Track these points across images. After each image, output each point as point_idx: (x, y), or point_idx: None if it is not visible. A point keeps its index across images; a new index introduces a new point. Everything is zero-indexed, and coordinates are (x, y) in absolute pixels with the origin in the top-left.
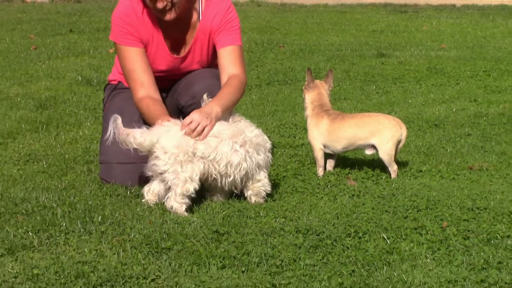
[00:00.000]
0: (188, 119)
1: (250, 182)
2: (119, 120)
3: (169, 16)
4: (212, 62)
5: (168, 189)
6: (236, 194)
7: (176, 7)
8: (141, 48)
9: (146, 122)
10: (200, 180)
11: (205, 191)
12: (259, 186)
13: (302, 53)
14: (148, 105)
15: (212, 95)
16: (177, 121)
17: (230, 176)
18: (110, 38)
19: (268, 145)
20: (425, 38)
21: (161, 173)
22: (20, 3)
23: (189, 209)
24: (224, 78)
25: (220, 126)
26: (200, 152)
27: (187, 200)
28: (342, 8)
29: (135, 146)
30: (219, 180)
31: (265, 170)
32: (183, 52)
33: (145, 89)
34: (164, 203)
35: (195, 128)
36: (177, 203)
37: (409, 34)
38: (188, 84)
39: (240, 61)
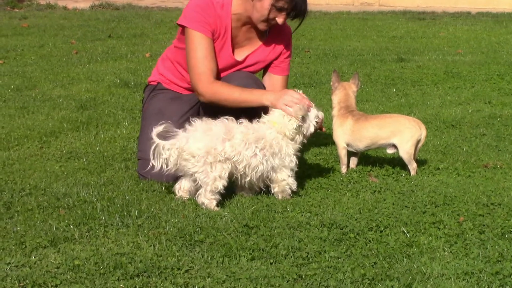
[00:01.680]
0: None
1: (273, 182)
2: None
3: (267, 28)
4: (255, 73)
5: (197, 185)
6: (264, 190)
7: None
8: (211, 38)
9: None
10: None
11: (235, 186)
12: (284, 185)
13: (327, 58)
14: (225, 84)
15: None
16: (206, 120)
17: (247, 176)
18: (182, 23)
19: (287, 149)
20: (442, 43)
21: (191, 174)
22: (62, 10)
23: (220, 204)
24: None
25: (246, 129)
26: (227, 154)
27: (217, 196)
28: (364, 16)
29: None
30: (239, 179)
31: (287, 170)
32: (241, 57)
33: (215, 75)
34: (195, 198)
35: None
36: (208, 200)
37: (427, 40)
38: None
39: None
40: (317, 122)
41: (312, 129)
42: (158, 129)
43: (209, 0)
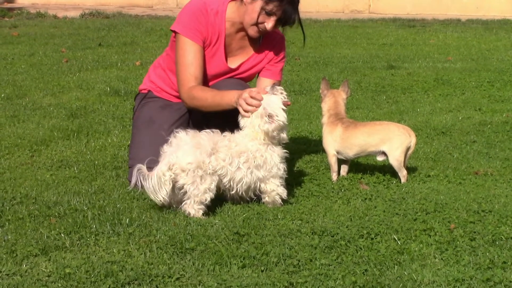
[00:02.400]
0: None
1: (263, 192)
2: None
3: (258, 34)
4: (249, 80)
5: (183, 194)
6: (255, 198)
7: None
8: (201, 46)
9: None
10: None
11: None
12: (274, 195)
13: (317, 65)
14: (203, 89)
15: None
16: (191, 132)
17: (233, 189)
18: (175, 29)
19: (272, 159)
20: (432, 51)
21: (181, 186)
22: (52, 19)
23: (211, 211)
24: None
25: (230, 142)
26: (213, 167)
27: (203, 206)
28: (354, 23)
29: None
30: (226, 192)
31: (275, 180)
32: (234, 65)
33: (197, 82)
34: (181, 207)
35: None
36: (194, 210)
37: (417, 47)
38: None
39: None
40: (284, 103)
41: (284, 115)
42: (144, 166)
43: (202, 7)
